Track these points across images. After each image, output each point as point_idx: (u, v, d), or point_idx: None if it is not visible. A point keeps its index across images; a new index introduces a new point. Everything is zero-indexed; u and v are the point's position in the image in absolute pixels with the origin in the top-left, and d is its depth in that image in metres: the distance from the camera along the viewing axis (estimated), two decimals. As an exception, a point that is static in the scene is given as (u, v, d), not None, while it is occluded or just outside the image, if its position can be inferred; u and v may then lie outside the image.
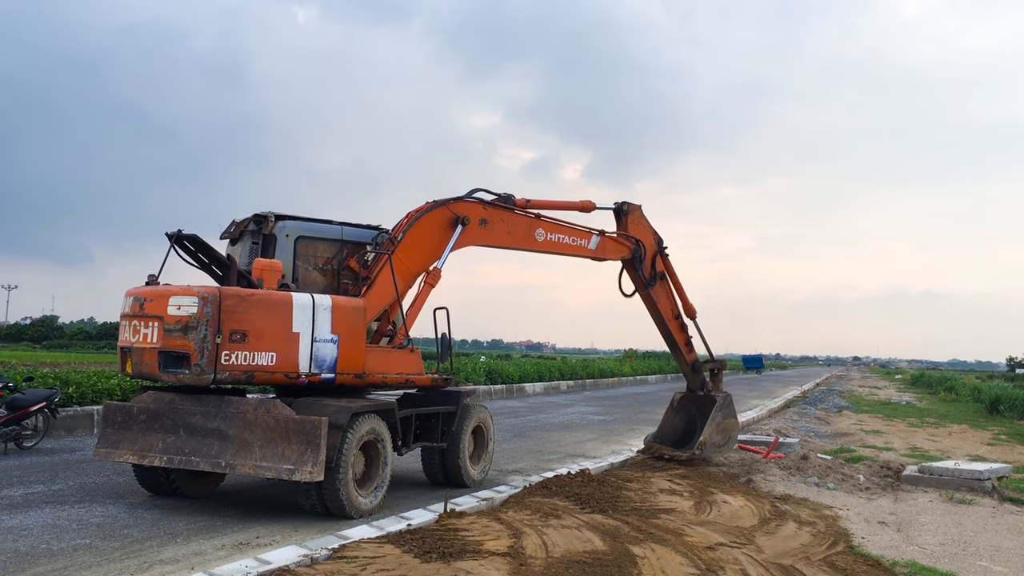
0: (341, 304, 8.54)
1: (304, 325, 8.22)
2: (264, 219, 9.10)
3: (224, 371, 7.80)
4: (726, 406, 12.37)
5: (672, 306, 12.38)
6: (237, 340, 7.83)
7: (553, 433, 16.93)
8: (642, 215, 12.10)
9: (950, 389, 42.22)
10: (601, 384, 38.95)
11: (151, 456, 8.23)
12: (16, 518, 7.76)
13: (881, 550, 7.84)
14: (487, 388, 27.23)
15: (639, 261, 11.83)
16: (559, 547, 6.81)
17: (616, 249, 11.75)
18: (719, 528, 8.12)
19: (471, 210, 10.02)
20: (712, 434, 11.97)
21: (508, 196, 10.59)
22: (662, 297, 12.21)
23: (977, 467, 11.72)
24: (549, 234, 10.96)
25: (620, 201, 11.99)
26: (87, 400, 14.32)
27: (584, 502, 8.71)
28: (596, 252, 11.51)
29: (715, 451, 12.14)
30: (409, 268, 9.47)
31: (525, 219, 10.72)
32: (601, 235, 11.53)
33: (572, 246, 11.26)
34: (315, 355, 8.30)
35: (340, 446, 7.95)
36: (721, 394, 12.43)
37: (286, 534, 7.50)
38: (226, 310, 7.78)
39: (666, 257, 12.33)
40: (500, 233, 10.42)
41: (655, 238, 12.19)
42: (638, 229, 12.00)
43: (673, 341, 12.48)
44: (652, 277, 12.02)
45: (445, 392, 10.39)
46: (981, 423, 23.83)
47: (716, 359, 12.94)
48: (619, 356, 70.91)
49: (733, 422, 12.52)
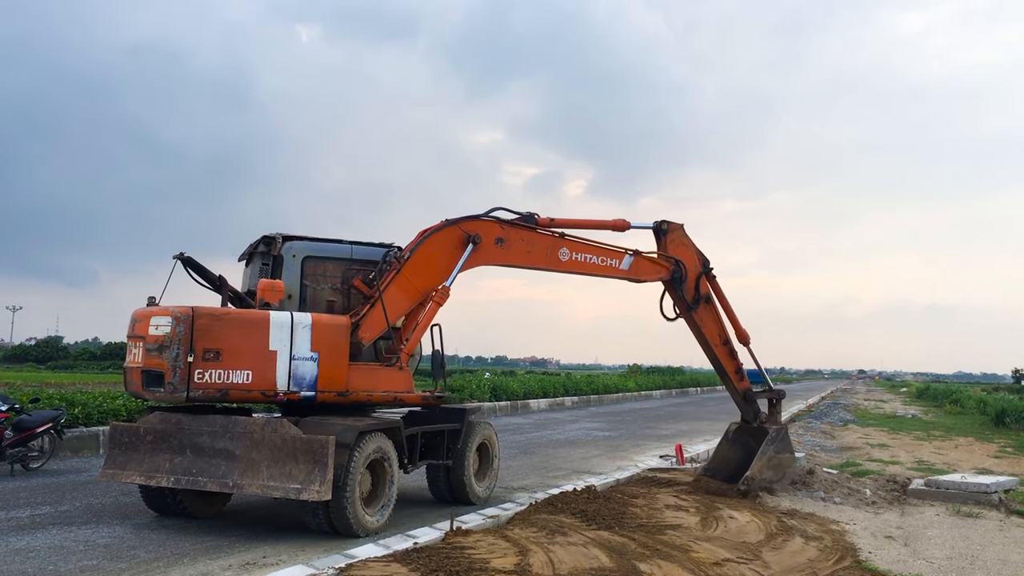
0: (322, 322, 8.54)
1: (282, 343, 8.26)
2: (272, 240, 9.25)
3: (197, 389, 7.96)
4: (780, 439, 11.43)
5: (719, 331, 11.65)
6: (211, 359, 7.99)
7: (558, 449, 16.91)
8: (684, 234, 11.52)
9: (956, 402, 42.06)
10: (606, 400, 38.87)
11: (158, 477, 8.25)
12: (23, 539, 7.78)
13: (888, 564, 7.82)
14: (492, 405, 27.22)
15: (679, 283, 11.27)
16: (566, 564, 6.81)
17: (653, 270, 11.24)
18: (726, 544, 8.11)
19: (485, 229, 9.84)
20: (762, 469, 11.05)
21: (530, 215, 10.34)
22: (708, 321, 11.56)
23: (984, 480, 11.69)
24: (575, 254, 10.55)
25: (660, 220, 11.46)
26: (93, 421, 14.35)
27: (590, 519, 8.70)
28: (630, 273, 11.01)
29: (765, 487, 11.03)
30: (416, 286, 9.37)
31: (548, 238, 10.39)
32: (635, 255, 11.03)
33: (601, 266, 10.81)
34: (294, 373, 8.31)
35: (347, 465, 7.97)
36: (775, 426, 11.54)
37: (292, 553, 7.51)
38: (199, 329, 7.97)
39: (713, 279, 11.66)
40: (518, 252, 10.15)
41: (699, 259, 11.56)
42: (679, 249, 11.43)
43: (722, 368, 11.74)
44: (695, 300, 11.40)
45: (450, 410, 10.41)
46: (987, 436, 23.74)
47: (774, 388, 12.01)
48: (623, 372, 70.84)
49: (788, 457, 11.56)
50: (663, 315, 11.51)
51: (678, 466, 13.87)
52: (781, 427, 11.58)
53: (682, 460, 14.32)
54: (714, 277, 11.68)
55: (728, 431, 12.19)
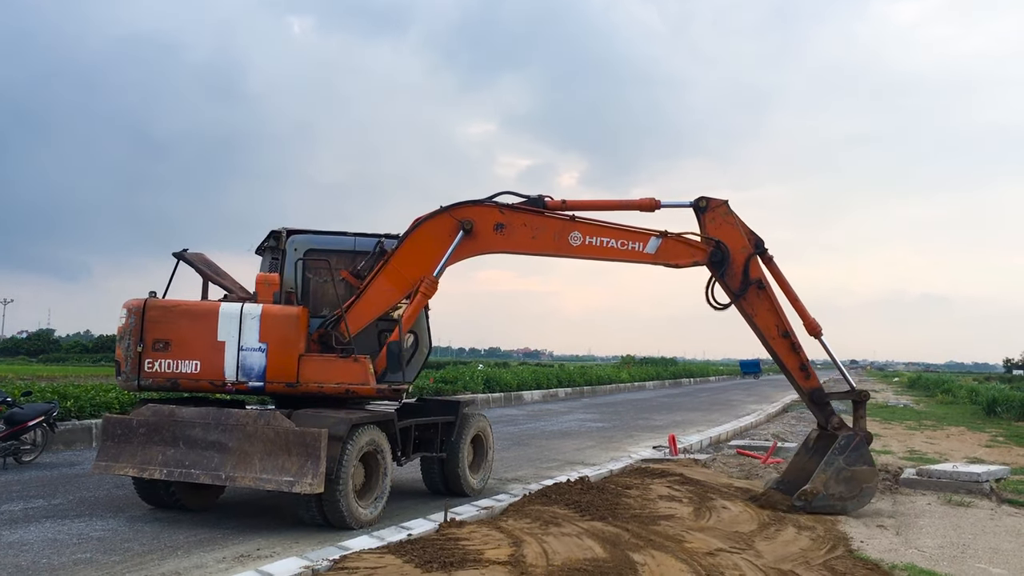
0: (271, 313, 8.55)
1: (230, 334, 8.41)
2: (279, 235, 9.37)
3: (147, 378, 8.44)
4: (854, 448, 9.69)
5: (776, 321, 10.02)
6: (160, 349, 8.40)
7: (552, 441, 16.95)
8: (728, 211, 10.01)
9: (947, 391, 42.31)
10: (599, 391, 38.94)
11: (151, 469, 8.25)
12: (16, 533, 7.77)
13: (880, 553, 7.86)
14: (485, 396, 27.26)
15: (718, 266, 9.89)
16: (559, 555, 6.83)
17: (686, 253, 9.89)
18: (719, 534, 8.14)
19: (481, 215, 9.37)
20: (827, 483, 9.59)
21: (539, 198, 9.68)
22: (761, 310, 9.98)
23: (975, 469, 11.75)
24: (588, 238, 9.62)
25: (699, 197, 10.10)
26: (85, 414, 14.32)
27: (584, 509, 8.73)
28: (657, 257, 9.82)
29: (835, 505, 9.61)
30: (406, 277, 9.15)
31: (556, 222, 9.60)
32: (663, 236, 9.80)
33: (622, 251, 9.75)
34: (242, 363, 8.41)
35: (340, 458, 7.97)
36: (848, 432, 9.82)
37: (286, 546, 7.51)
38: (149, 320, 8.42)
39: (768, 260, 10.14)
40: (522, 239, 9.52)
41: (750, 238, 10.05)
42: (721, 228, 9.96)
43: (783, 365, 10.17)
44: (744, 285, 9.89)
45: (444, 402, 10.44)
46: (979, 425, 23.87)
47: (854, 389, 10.28)
48: (617, 363, 70.99)
49: (866, 470, 9.78)
50: (711, 303, 10.13)
51: (671, 457, 13.91)
52: (854, 434, 9.82)
53: (675, 451, 14.35)
54: (771, 259, 10.19)
55: (808, 439, 10.64)
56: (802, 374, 10.11)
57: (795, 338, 10.09)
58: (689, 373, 65.54)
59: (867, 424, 10.03)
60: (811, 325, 10.32)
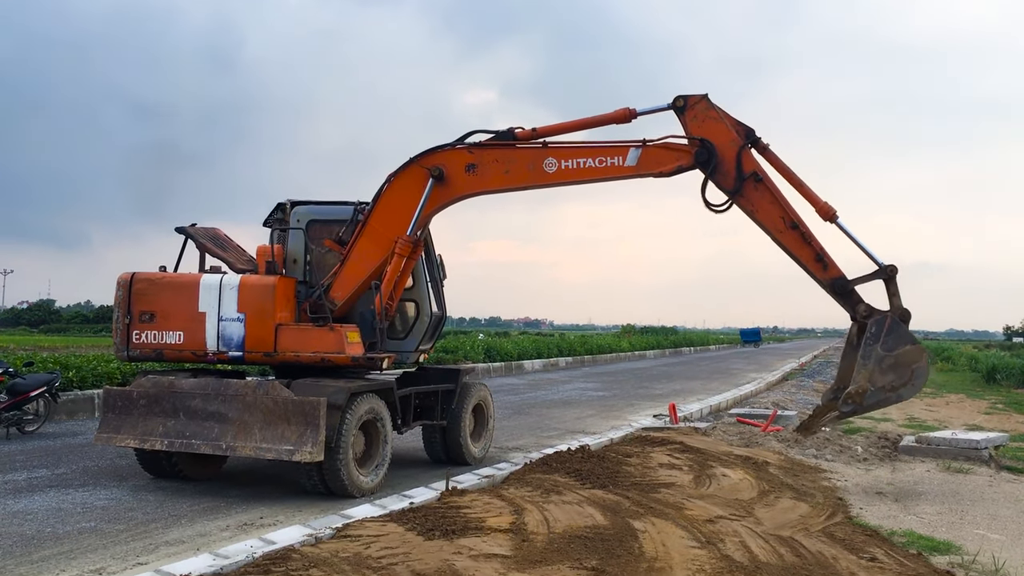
0: (249, 283, 8.65)
1: (210, 305, 8.61)
2: (284, 207, 9.44)
3: (135, 349, 8.78)
4: (888, 332, 8.91)
5: (781, 213, 9.17)
6: (146, 320, 8.71)
7: (552, 410, 17.01)
8: (709, 106, 9.21)
9: (947, 359, 42.43)
10: (599, 360, 39.05)
11: (152, 440, 8.30)
12: (21, 502, 7.81)
13: (879, 520, 7.91)
14: (486, 366, 27.34)
15: (704, 165, 9.12)
16: (560, 523, 6.87)
17: (670, 157, 9.14)
18: (718, 501, 8.18)
19: (450, 159, 9.03)
20: (873, 377, 8.87)
21: (508, 131, 9.17)
22: (762, 204, 9.17)
23: (974, 436, 11.80)
24: (564, 162, 9.09)
25: (677, 96, 9.33)
26: (87, 384, 14.37)
27: (584, 478, 8.76)
28: (640, 168, 9.12)
29: (888, 397, 9.07)
30: (385, 235, 8.94)
31: (528, 152, 9.13)
32: (643, 146, 9.12)
33: (600, 168, 9.16)
34: (222, 333, 8.60)
35: (339, 426, 8.01)
36: (877, 317, 9.04)
37: (289, 514, 7.56)
38: (136, 293, 8.73)
39: (765, 149, 9.30)
40: (495, 175, 9.10)
41: (738, 130, 9.24)
42: (705, 125, 9.20)
43: (796, 258, 9.30)
44: (739, 181, 9.10)
45: (445, 371, 10.45)
46: (978, 392, 23.96)
47: (881, 265, 9.20)
48: (617, 332, 71.15)
49: (910, 350, 8.93)
50: (708, 207, 9.40)
51: (672, 425, 13.96)
52: (884, 317, 9.02)
53: (675, 419, 14.40)
54: (766, 147, 9.33)
55: (850, 335, 9.71)
56: (819, 265, 9.24)
57: (805, 228, 9.23)
58: (689, 342, 65.68)
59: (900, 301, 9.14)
60: (823, 209, 9.34)
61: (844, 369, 9.64)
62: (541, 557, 5.97)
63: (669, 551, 6.26)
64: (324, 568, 5.47)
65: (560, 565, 5.82)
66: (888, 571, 6.16)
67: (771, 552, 6.41)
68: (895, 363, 8.91)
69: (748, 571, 5.91)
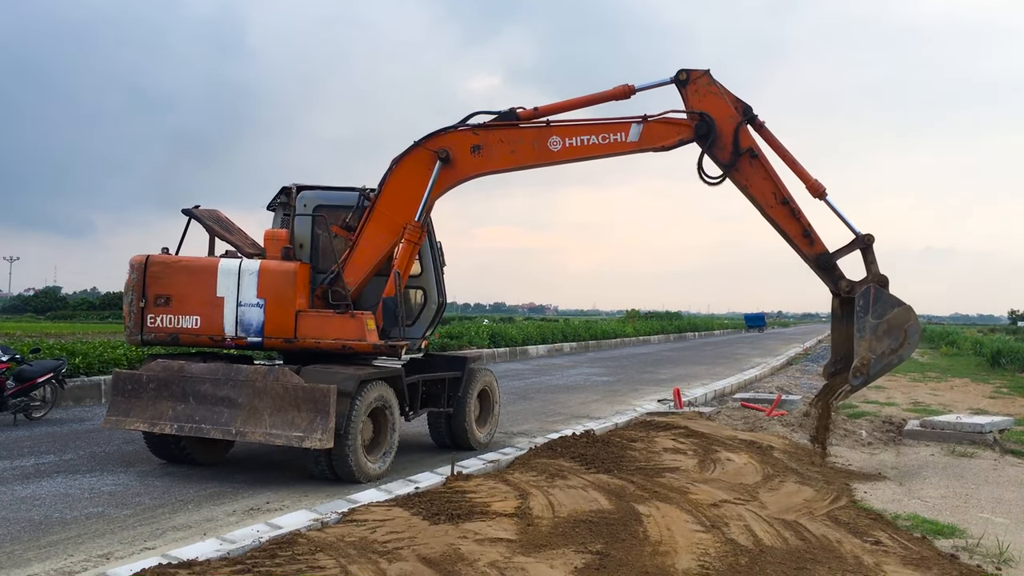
0: (269, 268, 8.59)
1: (229, 290, 8.52)
2: (290, 191, 9.40)
3: (150, 333, 8.63)
4: (875, 301, 9.31)
5: (773, 189, 9.58)
6: (161, 304, 8.56)
7: (557, 395, 17.04)
8: (710, 81, 9.58)
9: (952, 343, 42.34)
10: (604, 345, 39.08)
11: (162, 424, 8.33)
12: (28, 488, 7.87)
13: (884, 504, 7.93)
14: (491, 351, 27.36)
15: (703, 139, 9.43)
16: (565, 507, 6.90)
17: (671, 132, 9.45)
18: (723, 485, 8.21)
19: (455, 141, 9.15)
20: (872, 346, 9.24)
21: (510, 111, 9.37)
22: (755, 179, 9.57)
23: (979, 420, 11.81)
24: (568, 139, 9.29)
25: (680, 69, 9.65)
26: (94, 370, 14.42)
27: (589, 462, 8.79)
28: (642, 143, 9.39)
29: (891, 361, 9.48)
30: (396, 220, 9.01)
31: (531, 131, 9.30)
32: (645, 121, 9.40)
33: (603, 146, 9.38)
34: (241, 319, 8.53)
35: (349, 413, 8.04)
36: (861, 289, 9.38)
37: (296, 499, 7.60)
38: (151, 276, 8.59)
39: (760, 127, 9.71)
40: (501, 155, 9.24)
41: (737, 106, 9.62)
42: (706, 100, 9.56)
43: (784, 233, 9.75)
44: (735, 155, 9.46)
45: (451, 357, 10.49)
46: (983, 376, 23.94)
47: (859, 235, 9.64)
48: (622, 317, 71.10)
49: (898, 312, 9.35)
50: (704, 179, 9.69)
51: (676, 410, 13.98)
52: (867, 288, 9.40)
53: (680, 404, 14.43)
54: (762, 125, 9.74)
55: (833, 308, 10.01)
56: (805, 240, 9.68)
57: (795, 204, 9.66)
58: (694, 327, 65.62)
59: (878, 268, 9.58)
60: (813, 187, 9.73)
61: (836, 340, 10.01)
62: (546, 541, 6.01)
63: (674, 535, 6.29)
64: (330, 552, 5.51)
65: (565, 549, 5.85)
66: (892, 554, 6.18)
67: (776, 536, 6.44)
68: (888, 328, 9.34)
69: (753, 555, 5.94)
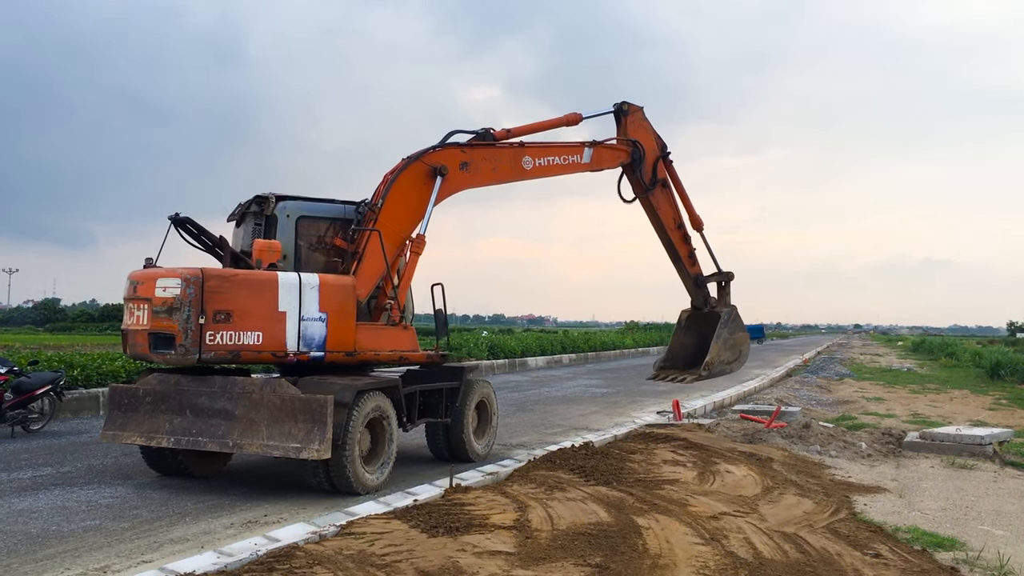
0: (329, 282, 8.55)
1: (291, 304, 8.29)
2: (265, 200, 9.18)
3: (209, 351, 7.92)
4: (732, 320, 11.78)
5: (674, 215, 11.89)
6: (221, 320, 7.97)
7: (556, 406, 17.01)
8: (643, 117, 11.65)
9: (951, 355, 42.32)
10: (603, 357, 39.05)
11: (158, 437, 8.30)
12: (26, 500, 7.84)
13: (884, 516, 7.91)
14: (490, 363, 27.33)
15: (638, 164, 11.43)
16: (564, 519, 6.88)
17: (612, 156, 11.38)
18: (723, 498, 8.19)
19: (448, 157, 9.71)
20: (720, 352, 11.46)
21: (486, 131, 10.25)
22: (663, 204, 11.77)
23: (978, 432, 11.78)
24: (537, 159, 10.58)
25: (620, 102, 11.54)
26: (92, 382, 14.40)
27: (588, 474, 8.77)
28: (591, 164, 11.16)
29: (725, 368, 11.62)
30: (397, 233, 9.34)
31: (509, 151, 10.34)
32: (594, 146, 11.16)
33: (564, 166, 10.88)
34: (303, 333, 8.36)
35: (346, 424, 8.01)
36: (727, 308, 11.86)
37: (294, 512, 7.57)
38: (209, 291, 7.90)
39: (670, 163, 11.83)
40: (485, 172, 10.11)
41: (658, 142, 11.73)
42: (638, 131, 11.60)
43: (675, 253, 11.93)
44: (652, 182, 11.57)
45: (448, 368, 10.44)
46: (982, 388, 23.92)
47: (723, 271, 12.17)
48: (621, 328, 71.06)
49: (742, 335, 12.00)
50: (621, 197, 11.67)
51: (675, 422, 13.96)
52: (732, 309, 11.86)
53: (679, 416, 14.41)
54: (671, 162, 11.84)
55: (680, 320, 12.44)
56: (690, 261, 12.02)
57: (686, 230, 11.94)
58: (693, 338, 65.38)
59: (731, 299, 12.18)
60: (695, 220, 12.03)
61: (673, 345, 12.41)
62: (545, 554, 5.98)
63: (673, 548, 6.27)
64: (328, 566, 5.49)
65: (564, 562, 5.83)
66: (892, 567, 6.16)
67: (775, 548, 6.41)
68: (734, 344, 11.78)
69: (752, 568, 5.91)
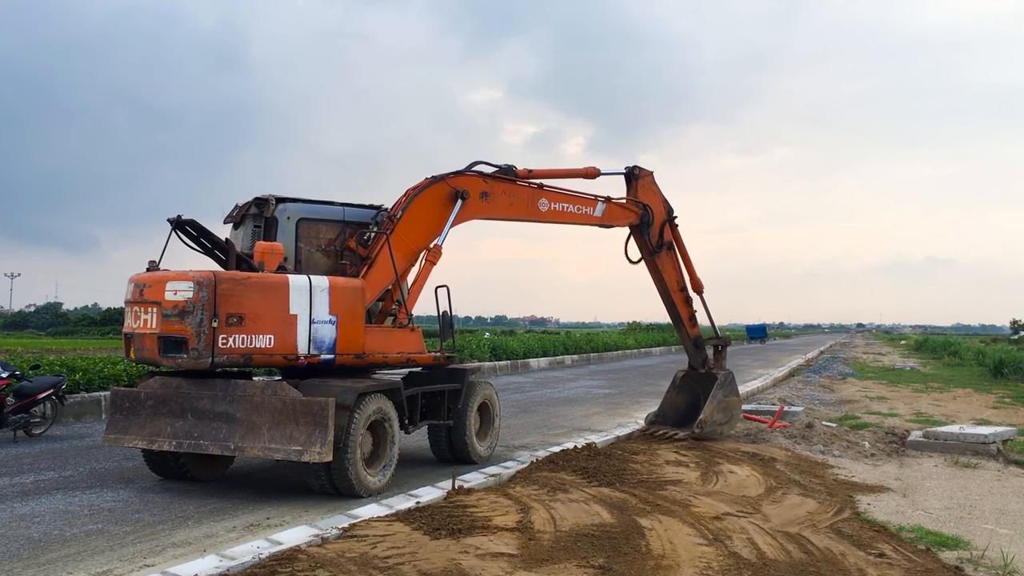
0: (339, 285, 8.56)
1: (301, 307, 8.28)
2: (265, 202, 9.18)
3: (222, 355, 7.86)
4: (727, 384, 12.11)
5: (678, 277, 12.26)
6: (234, 323, 7.90)
7: (559, 408, 17.00)
8: (653, 181, 12.05)
9: (954, 353, 42.26)
10: (606, 358, 39.02)
11: (160, 441, 8.29)
12: (28, 505, 7.83)
13: (887, 515, 7.89)
14: (492, 364, 27.30)
15: (646, 227, 11.80)
16: (567, 521, 6.86)
17: (623, 215, 11.70)
18: (726, 498, 8.17)
19: (471, 184, 9.97)
20: (713, 412, 11.73)
21: (509, 167, 10.56)
22: (668, 267, 12.12)
23: (982, 431, 11.76)
24: (553, 204, 10.87)
25: (632, 165, 11.93)
26: (94, 386, 14.39)
27: (591, 476, 8.76)
28: (603, 219, 11.45)
29: (716, 429, 11.83)
30: (410, 246, 9.50)
31: (528, 190, 10.64)
32: (607, 201, 11.47)
33: (577, 215, 11.17)
34: (314, 336, 8.35)
35: (348, 426, 8.01)
36: (723, 371, 12.16)
37: (296, 514, 7.56)
38: (222, 294, 7.84)
39: (675, 227, 12.21)
40: (502, 205, 10.36)
41: (665, 207, 12.10)
42: (648, 195, 11.93)
43: (676, 314, 12.36)
44: (659, 245, 11.93)
45: (450, 370, 10.43)
46: (985, 387, 23.88)
47: (721, 336, 12.61)
48: (623, 329, 71.07)
49: (735, 400, 12.32)
50: (627, 258, 12.10)
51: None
52: (728, 373, 12.21)
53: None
54: (676, 226, 12.20)
55: (675, 378, 12.77)
56: (691, 322, 12.51)
57: (689, 292, 12.38)
58: (695, 339, 65.38)
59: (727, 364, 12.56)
60: (696, 284, 12.45)
61: (666, 402, 12.68)
62: (548, 556, 5.97)
63: (676, 549, 6.25)
64: (330, 568, 5.47)
65: (567, 563, 5.81)
66: (897, 567, 6.14)
67: (779, 549, 6.39)
68: (726, 407, 12.03)
69: (756, 568, 5.90)
